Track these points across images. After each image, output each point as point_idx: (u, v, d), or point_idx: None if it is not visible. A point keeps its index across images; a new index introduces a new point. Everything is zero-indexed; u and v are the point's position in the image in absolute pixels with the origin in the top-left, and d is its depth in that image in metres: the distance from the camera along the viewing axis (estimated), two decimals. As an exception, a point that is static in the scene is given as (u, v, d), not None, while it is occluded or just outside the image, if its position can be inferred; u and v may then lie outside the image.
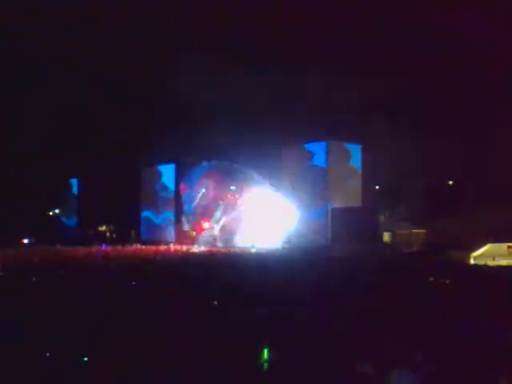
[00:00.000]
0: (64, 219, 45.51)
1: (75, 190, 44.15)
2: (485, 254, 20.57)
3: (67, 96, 41.63)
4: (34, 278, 15.16)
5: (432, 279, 14.43)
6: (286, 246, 29.31)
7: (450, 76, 30.90)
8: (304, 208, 29.19)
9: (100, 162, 41.79)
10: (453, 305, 10.31)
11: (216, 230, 34.86)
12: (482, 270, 17.54)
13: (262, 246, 30.65)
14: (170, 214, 36.78)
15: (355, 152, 29.19)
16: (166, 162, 37.26)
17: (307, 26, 33.63)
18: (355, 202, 28.41)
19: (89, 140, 42.50)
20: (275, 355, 6.73)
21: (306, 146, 29.67)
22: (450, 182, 33.22)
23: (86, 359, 6.71)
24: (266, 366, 6.57)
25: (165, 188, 37.29)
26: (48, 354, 6.91)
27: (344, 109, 33.29)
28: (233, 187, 35.39)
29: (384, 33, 31.96)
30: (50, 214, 49.63)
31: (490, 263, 19.31)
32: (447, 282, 13.98)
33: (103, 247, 31.53)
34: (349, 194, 28.52)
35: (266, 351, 6.80)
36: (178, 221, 36.39)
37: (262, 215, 33.93)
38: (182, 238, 35.46)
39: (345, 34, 33.20)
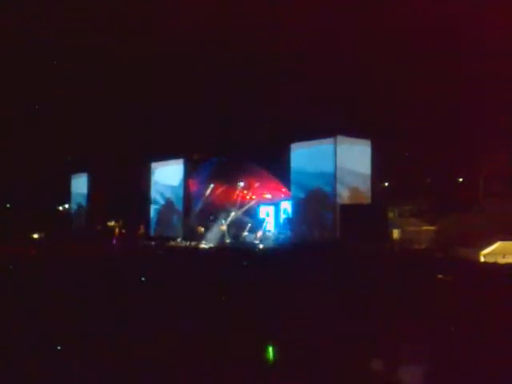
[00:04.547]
0: (73, 214, 45.68)
1: (85, 185, 44.31)
2: (495, 252, 20.43)
3: (77, 92, 41.79)
4: (41, 273, 15.25)
5: (441, 277, 14.36)
6: (294, 242, 29.24)
7: (453, 73, 30.69)
8: (313, 204, 29.11)
9: (109, 157, 41.94)
10: (461, 302, 10.24)
11: (224, 226, 34.89)
12: (492, 268, 17.42)
13: (270, 242, 30.64)
14: (178, 210, 36.81)
15: (365, 148, 29.02)
16: (175, 157, 37.27)
17: (314, 20, 33.50)
18: (364, 198, 28.28)
19: (98, 135, 42.70)
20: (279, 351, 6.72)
21: (315, 141, 29.55)
22: (460, 179, 33.00)
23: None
24: (269, 360, 6.56)
25: (173, 184, 37.32)
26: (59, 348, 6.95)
27: (354, 104, 33.20)
28: (241, 183, 35.39)
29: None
30: (60, 209, 49.92)
31: (500, 261, 19.17)
32: (456, 279, 13.91)
33: (114, 242, 31.68)
34: (358, 191, 28.40)
35: (269, 347, 6.78)
36: (186, 217, 36.43)
37: (270, 211, 33.95)
38: (190, 233, 35.49)
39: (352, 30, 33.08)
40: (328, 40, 33.42)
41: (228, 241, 33.47)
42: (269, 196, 34.89)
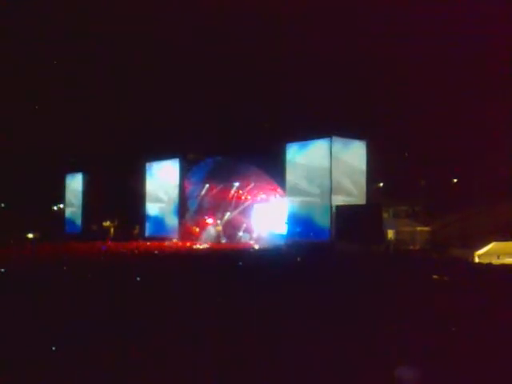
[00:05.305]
0: (68, 214, 45.50)
1: (80, 184, 44.15)
2: (489, 253, 20.50)
3: (73, 91, 41.70)
4: (36, 275, 15.18)
5: (435, 277, 14.40)
6: (289, 242, 29.25)
7: (450, 73, 30.78)
8: (308, 205, 29.13)
9: (105, 157, 41.84)
10: (455, 303, 10.28)
11: (220, 226, 34.89)
12: (487, 269, 17.48)
13: (265, 242, 30.65)
14: (173, 210, 36.77)
15: (360, 149, 29.07)
16: (171, 157, 37.22)
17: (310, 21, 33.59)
18: (360, 199, 28.32)
19: (94, 135, 42.60)
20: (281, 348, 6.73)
21: (310, 142, 29.57)
22: (455, 180, 33.10)
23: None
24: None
25: (169, 184, 37.25)
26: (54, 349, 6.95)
27: (349, 105, 33.27)
28: (236, 183, 35.39)
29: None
30: (55, 208, 49.75)
31: (495, 261, 19.23)
32: (451, 280, 13.96)
33: (108, 242, 31.61)
34: (353, 192, 28.44)
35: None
36: (181, 217, 36.40)
37: (265, 212, 33.94)
38: (185, 234, 35.48)
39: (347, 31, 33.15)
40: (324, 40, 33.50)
41: (223, 241, 33.47)
42: (264, 196, 34.91)
